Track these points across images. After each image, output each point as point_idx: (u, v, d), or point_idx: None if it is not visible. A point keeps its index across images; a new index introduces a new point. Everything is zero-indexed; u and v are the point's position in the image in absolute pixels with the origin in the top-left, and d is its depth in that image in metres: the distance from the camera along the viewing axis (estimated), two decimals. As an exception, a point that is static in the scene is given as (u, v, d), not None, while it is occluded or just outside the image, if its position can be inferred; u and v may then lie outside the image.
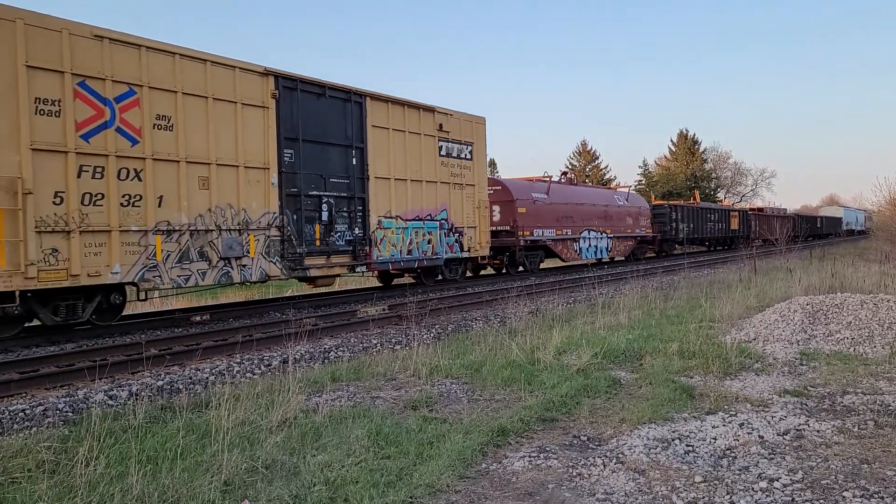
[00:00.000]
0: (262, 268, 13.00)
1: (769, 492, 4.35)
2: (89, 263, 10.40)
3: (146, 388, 7.60)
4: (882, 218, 33.35)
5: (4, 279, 9.45)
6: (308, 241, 14.02)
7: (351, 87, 15.11)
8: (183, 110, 11.75)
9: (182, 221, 11.67)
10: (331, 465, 4.81)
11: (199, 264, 11.94)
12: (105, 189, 10.63)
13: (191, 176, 11.83)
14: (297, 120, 13.82)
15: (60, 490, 4.33)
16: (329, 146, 14.58)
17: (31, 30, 9.94)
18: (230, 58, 12.59)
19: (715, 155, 78.75)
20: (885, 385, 6.99)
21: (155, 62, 11.41)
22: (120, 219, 10.79)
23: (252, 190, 12.87)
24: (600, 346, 8.71)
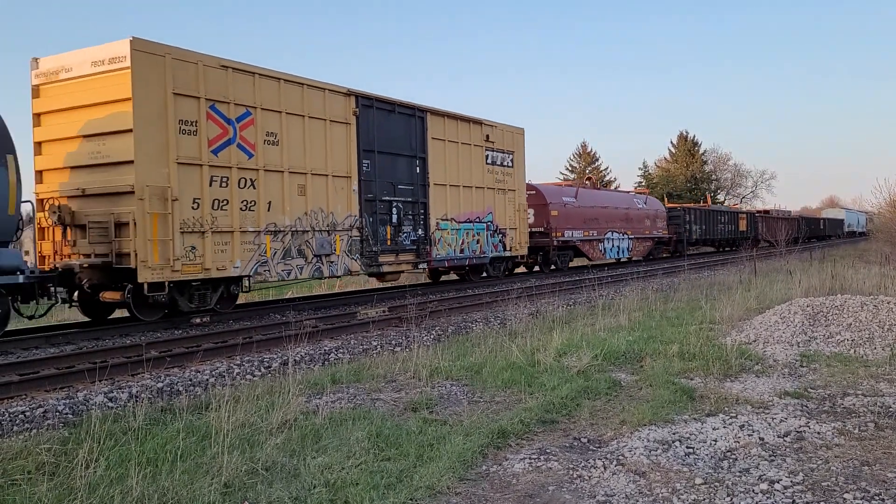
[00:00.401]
0: (346, 264, 14.90)
1: (770, 494, 4.34)
2: (217, 259, 12.16)
3: (146, 390, 7.60)
4: (882, 220, 33.34)
5: (157, 271, 11.18)
6: (381, 241, 15.82)
7: (415, 105, 16.99)
8: (286, 127, 13.51)
9: (285, 223, 13.45)
10: (331, 466, 4.81)
11: (298, 260, 13.76)
12: (229, 196, 12.42)
13: (291, 184, 13.63)
14: (372, 134, 15.61)
15: (60, 492, 4.32)
16: (397, 157, 16.42)
17: (176, 62, 11.62)
18: (321, 81, 14.42)
19: (715, 157, 78.74)
20: (886, 387, 6.99)
21: (265, 87, 13.17)
22: (240, 221, 12.55)
23: (338, 196, 14.70)
24: (600, 347, 8.71)
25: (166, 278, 11.30)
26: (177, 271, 11.42)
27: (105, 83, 11.42)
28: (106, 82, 11.41)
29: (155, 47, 11.42)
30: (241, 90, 12.70)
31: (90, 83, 11.58)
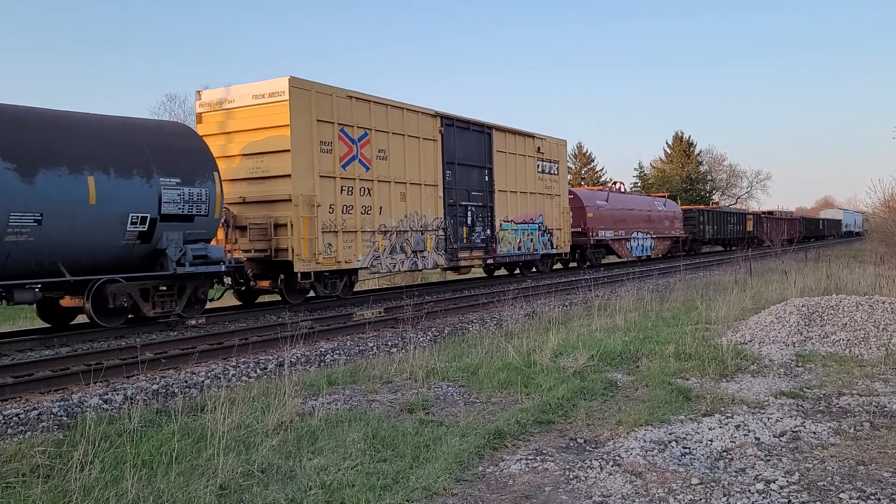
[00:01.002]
0: (434, 259, 17.65)
1: (766, 493, 4.35)
2: (346, 254, 14.96)
3: (141, 392, 7.56)
4: (877, 220, 33.45)
5: (307, 263, 13.98)
6: (459, 240, 18.69)
7: (484, 122, 20.00)
8: (391, 145, 16.33)
9: (392, 225, 16.27)
10: (327, 468, 4.80)
11: (400, 256, 16.50)
12: (353, 202, 15.25)
13: (396, 192, 16.42)
14: (452, 148, 18.46)
15: (55, 495, 4.30)
16: (471, 167, 19.32)
17: (318, 95, 14.43)
18: (416, 105, 17.34)
19: (710, 157, 78.88)
20: (881, 386, 7.00)
21: (377, 111, 15.98)
22: (361, 223, 15.35)
23: (428, 201, 17.49)
24: (597, 348, 8.72)
25: (312, 269, 14.18)
26: (319, 263, 14.30)
27: (265, 112, 14.19)
28: (266, 111, 14.18)
29: (304, 83, 14.24)
30: (361, 115, 15.55)
31: (251, 112, 14.41)
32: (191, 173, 12.00)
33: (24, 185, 9.77)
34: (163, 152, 11.77)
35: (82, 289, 10.81)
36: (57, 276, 10.40)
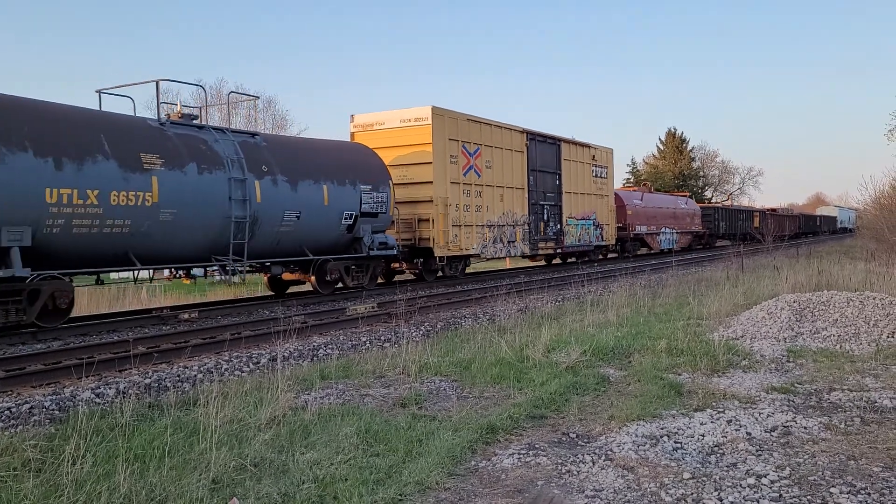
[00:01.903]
0: (521, 248, 22.39)
1: (757, 488, 4.37)
2: (466, 243, 19.46)
3: (134, 386, 7.54)
4: (868, 217, 33.64)
5: (442, 249, 18.37)
6: (538, 232, 23.38)
7: (556, 136, 24.98)
8: (494, 156, 20.95)
9: (494, 220, 20.84)
10: (320, 462, 4.80)
11: (499, 245, 21.14)
12: (470, 203, 19.74)
13: (496, 194, 21.01)
14: (534, 158, 23.17)
15: (47, 489, 4.29)
16: (546, 173, 24.04)
17: (448, 119, 18.94)
18: (509, 124, 21.90)
19: (703, 153, 79.15)
20: (872, 382, 7.05)
21: (484, 130, 20.60)
22: (475, 219, 19.89)
23: (517, 202, 22.17)
24: (589, 343, 8.73)
25: (445, 253, 18.60)
26: (450, 249, 18.74)
27: (411, 132, 18.61)
28: (411, 132, 18.60)
29: (440, 111, 18.74)
30: (474, 133, 20.07)
31: (399, 132, 18.87)
32: (376, 182, 16.41)
33: (292, 192, 14.26)
34: (360, 166, 16.30)
35: (307, 266, 15.30)
36: (302, 256, 14.82)
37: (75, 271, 11.23)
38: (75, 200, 10.60)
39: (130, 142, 11.67)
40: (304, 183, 14.55)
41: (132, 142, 11.70)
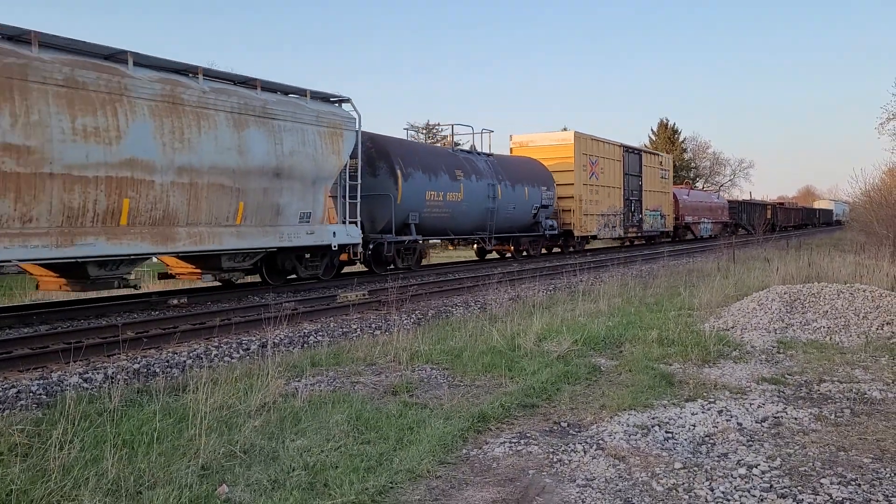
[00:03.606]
0: (619, 232, 30.16)
1: (748, 478, 4.37)
2: (590, 227, 27.40)
3: (122, 372, 7.48)
4: (858, 210, 33.81)
5: (579, 231, 26.54)
6: (628, 220, 31.14)
7: (639, 148, 34.93)
8: (603, 164, 28.66)
9: (603, 211, 28.45)
10: (310, 449, 4.77)
11: (606, 229, 28.87)
12: (591, 198, 27.48)
13: (605, 192, 28.75)
14: (627, 165, 31.17)
15: (34, 473, 4.24)
16: (633, 176, 31.89)
17: (583, 139, 27.05)
18: (613, 140, 30.09)
19: (694, 145, 79.12)
20: (861, 373, 7.07)
21: (600, 145, 28.58)
22: (594, 209, 27.62)
23: (616, 198, 29.95)
24: (580, 332, 8.72)
25: (581, 234, 26.93)
26: (582, 232, 26.95)
27: (557, 149, 26.82)
28: (558, 148, 26.85)
29: (579, 134, 27.12)
30: (594, 148, 28.14)
31: (548, 148, 26.99)
32: (548, 184, 24.61)
33: (512, 192, 22.36)
34: (539, 174, 24.67)
35: (507, 241, 23.62)
36: (511, 233, 23.24)
37: (430, 237, 20.21)
38: (435, 199, 19.07)
39: (450, 164, 20.21)
40: (517, 186, 22.80)
41: (450, 164, 20.22)
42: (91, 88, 10.33)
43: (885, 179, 27.89)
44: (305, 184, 14.01)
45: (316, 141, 14.19)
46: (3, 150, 9.28)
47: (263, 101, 13.21)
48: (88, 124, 10.19)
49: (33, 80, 9.63)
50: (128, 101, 10.80)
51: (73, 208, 10.12)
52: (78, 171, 10.08)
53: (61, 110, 9.92)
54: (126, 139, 10.67)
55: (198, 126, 11.84)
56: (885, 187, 26.27)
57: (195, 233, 11.95)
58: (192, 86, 11.94)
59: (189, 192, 11.72)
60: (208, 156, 11.94)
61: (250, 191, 12.82)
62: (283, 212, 13.71)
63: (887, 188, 25.70)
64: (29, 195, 9.57)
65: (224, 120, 12.31)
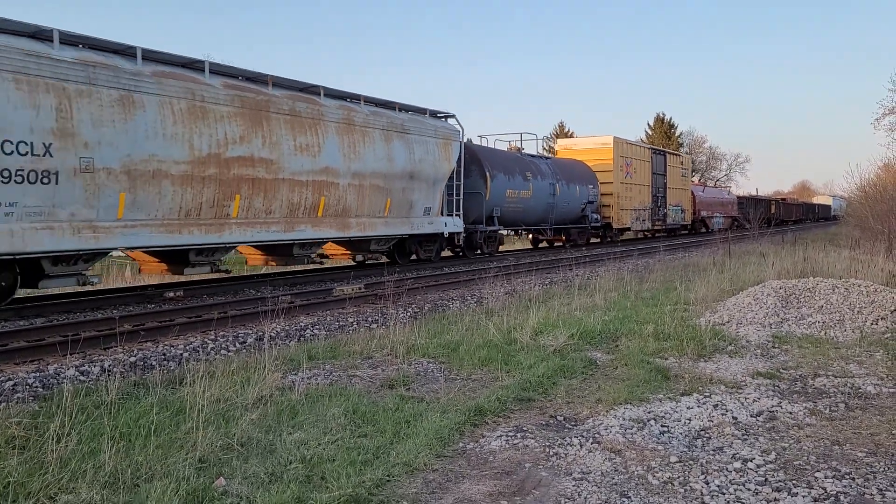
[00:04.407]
0: (647, 225, 33.76)
1: (743, 472, 4.40)
2: (623, 219, 30.95)
3: (119, 364, 7.47)
4: (853, 205, 33.89)
5: (617, 223, 30.34)
6: (655, 215, 34.55)
7: (663, 149, 38.38)
8: (636, 166, 32.05)
9: (635, 206, 31.84)
10: (307, 443, 4.78)
11: (637, 222, 32.37)
12: (626, 195, 31.14)
13: (636, 190, 32.18)
14: (654, 165, 34.46)
15: (31, 466, 4.25)
16: (658, 175, 35.11)
17: (620, 144, 30.94)
18: (643, 143, 37.66)
19: (691, 139, 79.15)
20: (856, 368, 7.11)
21: (633, 148, 32.46)
22: (628, 204, 31.22)
23: (645, 195, 33.33)
24: (576, 327, 8.74)
25: (618, 226, 30.42)
26: (618, 224, 30.37)
27: (598, 151, 29.96)
28: (599, 151, 30.00)
29: (617, 139, 30.49)
30: (628, 150, 31.59)
31: (589, 151, 30.13)
32: (593, 183, 28.35)
33: (566, 189, 25.94)
34: (585, 174, 28.28)
35: (560, 232, 27.23)
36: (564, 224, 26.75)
37: (507, 228, 24.18)
38: (512, 196, 22.76)
39: (522, 166, 23.96)
40: (570, 185, 26.55)
41: (522, 166, 23.96)
42: (303, 115, 14.14)
43: (880, 175, 27.96)
44: (428, 184, 17.91)
45: (435, 150, 18.03)
46: (258, 163, 13.01)
47: (402, 119, 17.06)
48: (302, 142, 14.02)
49: (273, 112, 13.42)
50: (323, 124, 14.58)
51: (294, 204, 14.03)
52: (297, 176, 13.97)
53: (288, 132, 13.71)
54: (323, 152, 14.53)
55: (363, 141, 15.72)
56: (880, 182, 26.33)
57: (361, 222, 15.91)
58: (358, 110, 15.78)
59: (358, 192, 15.65)
60: (369, 163, 15.82)
61: (394, 190, 16.72)
62: (414, 206, 17.65)
63: (882, 183, 25.75)
64: (270, 194, 13.42)
65: (378, 136, 16.16)
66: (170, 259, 13.06)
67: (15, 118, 9.57)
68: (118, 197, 10.94)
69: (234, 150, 12.60)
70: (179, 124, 11.65)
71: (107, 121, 10.62)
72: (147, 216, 11.40)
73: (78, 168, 10.31)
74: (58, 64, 10.10)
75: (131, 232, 11.15)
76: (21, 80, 9.66)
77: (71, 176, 10.24)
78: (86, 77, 10.41)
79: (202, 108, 12.06)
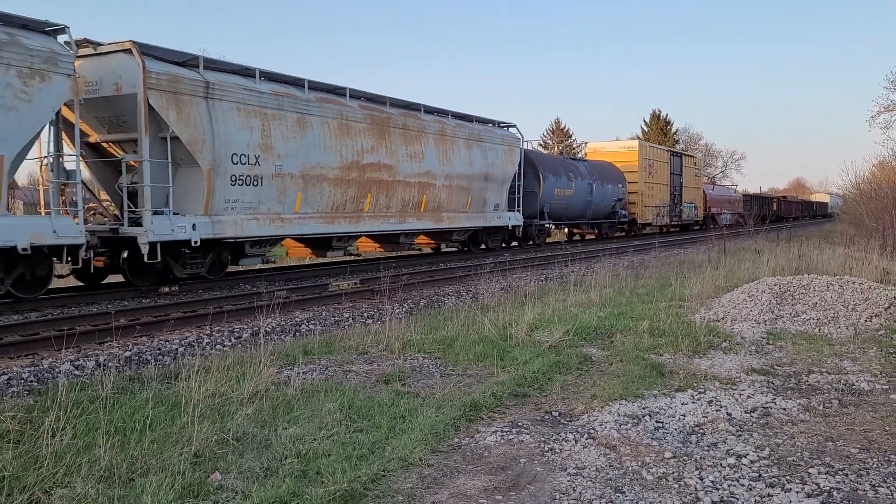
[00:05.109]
0: (666, 220, 37.17)
1: (737, 468, 4.42)
2: (647, 216, 34.93)
3: (114, 359, 7.47)
4: (848, 202, 33.97)
5: (641, 218, 34.32)
6: (672, 211, 37.97)
7: (681, 151, 45.54)
8: (655, 166, 35.77)
9: (656, 204, 35.71)
10: (302, 438, 4.79)
11: (658, 218, 35.97)
12: (648, 192, 34.67)
13: (656, 188, 35.90)
14: (672, 166, 38.03)
15: (26, 460, 4.24)
16: (675, 175, 38.48)
17: (644, 146, 36.28)
18: (663, 147, 41.41)
19: (687, 136, 79.27)
20: (849, 365, 7.14)
21: (655, 151, 37.16)
22: (650, 202, 34.94)
23: (664, 193, 36.83)
24: (572, 323, 8.76)
25: (642, 221, 34.58)
26: (643, 219, 34.45)
27: (624, 154, 34.05)
28: (625, 154, 34.08)
29: (642, 143, 36.21)
30: (650, 153, 35.42)
31: (616, 153, 34.07)
32: (622, 182, 31.57)
33: (600, 188, 29.51)
34: (615, 175, 31.30)
35: (593, 226, 30.77)
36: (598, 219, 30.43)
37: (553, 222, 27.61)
38: (559, 194, 26.19)
39: (566, 168, 27.61)
40: (604, 184, 29.91)
41: (566, 168, 27.65)
42: (411, 129, 17.84)
43: (874, 172, 28.03)
44: (497, 184, 21.91)
45: (502, 156, 21.99)
46: (383, 168, 16.71)
47: (479, 130, 20.97)
48: (411, 151, 17.75)
49: (392, 127, 17.08)
50: (424, 135, 18.34)
51: (405, 201, 17.75)
52: (408, 178, 17.66)
53: (402, 143, 17.43)
54: (425, 159, 18.28)
55: (452, 149, 19.57)
56: (874, 180, 26.39)
57: (449, 216, 19.74)
58: (448, 123, 19.62)
59: (448, 191, 19.41)
60: (457, 167, 19.70)
61: (473, 189, 20.59)
62: (487, 203, 21.58)
63: (877, 181, 25.81)
64: (390, 193, 17.13)
65: (462, 144, 20.05)
66: (315, 245, 16.71)
67: (238, 137, 12.95)
68: (296, 195, 14.53)
69: (368, 158, 16.23)
70: (333, 138, 15.28)
71: (290, 137, 14.15)
72: (313, 210, 14.98)
73: (274, 174, 13.83)
74: (261, 95, 13.55)
75: (303, 222, 14.69)
76: (241, 109, 13.07)
77: (270, 179, 13.76)
78: (277, 104, 13.88)
79: (347, 125, 15.67)
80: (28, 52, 9.90)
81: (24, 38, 10.02)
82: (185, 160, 12.29)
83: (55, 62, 10.22)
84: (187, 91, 12.08)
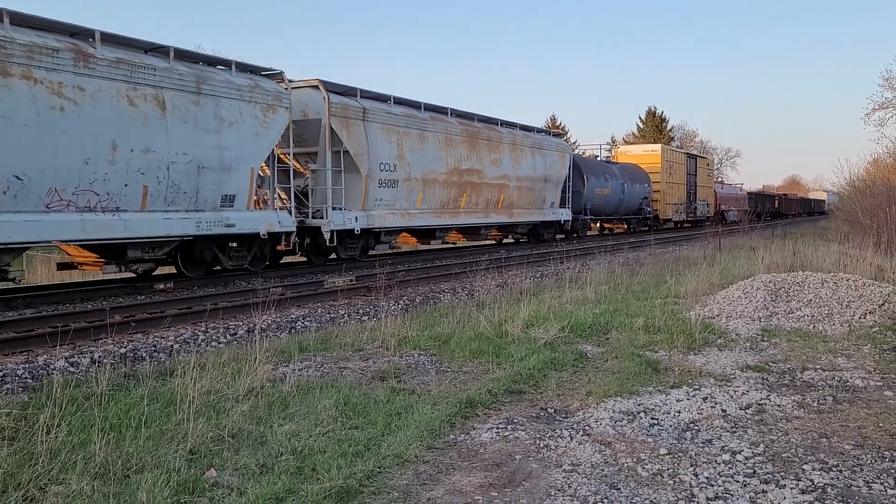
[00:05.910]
0: (682, 217, 41.53)
1: (732, 464, 4.43)
2: (668, 212, 38.87)
3: (109, 356, 7.45)
4: (842, 199, 34.06)
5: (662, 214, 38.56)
6: (688, 208, 42.24)
7: (696, 154, 48.00)
8: (674, 167, 39.93)
9: (675, 202, 39.69)
10: (298, 434, 4.79)
11: (676, 214, 40.50)
12: (668, 191, 38.53)
13: (676, 187, 40.31)
14: (688, 167, 42.16)
15: (21, 457, 4.24)
16: (691, 175, 42.48)
17: (667, 150, 40.72)
18: (681, 149, 50.21)
19: (682, 133, 79.35)
20: (844, 361, 7.16)
21: (673, 153, 41.52)
22: (670, 199, 38.91)
23: (681, 191, 41.04)
24: (567, 319, 8.76)
25: (664, 217, 38.41)
26: (663, 215, 38.07)
27: (648, 157, 38.32)
28: (648, 157, 38.41)
29: (664, 147, 40.70)
30: (670, 155, 39.69)
31: (639, 156, 38.59)
32: (647, 182, 35.51)
33: (630, 187, 33.23)
34: (642, 175, 35.40)
35: (623, 221, 35.71)
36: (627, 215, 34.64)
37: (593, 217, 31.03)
38: (598, 193, 29.98)
39: (603, 170, 31.29)
40: (633, 184, 33.24)
41: (603, 170, 31.30)
42: (492, 140, 22.07)
43: (869, 169, 28.12)
44: (553, 185, 26.04)
45: (557, 160, 26.16)
46: (474, 172, 20.87)
47: (539, 139, 25.33)
48: (493, 158, 21.95)
49: (479, 139, 21.32)
50: (501, 145, 22.52)
51: (488, 199, 21.88)
52: (490, 181, 21.79)
53: (486, 152, 21.61)
54: (502, 164, 22.47)
55: (521, 156, 23.72)
56: (869, 177, 26.46)
57: (518, 212, 23.88)
58: (517, 133, 23.93)
59: (518, 191, 23.52)
60: (524, 171, 23.82)
61: (535, 189, 24.66)
62: (545, 201, 25.64)
63: (872, 178, 25.89)
64: (479, 192, 21.26)
65: (528, 151, 24.22)
66: (422, 235, 20.54)
67: (382, 150, 17.16)
68: (418, 195, 18.58)
69: (464, 164, 20.43)
70: (441, 149, 19.40)
71: (415, 148, 18.26)
72: (428, 207, 19.01)
73: (405, 178, 17.90)
74: (396, 116, 17.74)
75: (421, 216, 18.74)
76: (384, 128, 17.25)
77: (402, 182, 17.80)
78: (406, 123, 17.98)
79: (450, 139, 19.84)
80: (266, 93, 13.78)
81: (262, 83, 13.96)
82: (349, 168, 16.17)
83: (280, 99, 14.15)
84: (353, 116, 16.22)
